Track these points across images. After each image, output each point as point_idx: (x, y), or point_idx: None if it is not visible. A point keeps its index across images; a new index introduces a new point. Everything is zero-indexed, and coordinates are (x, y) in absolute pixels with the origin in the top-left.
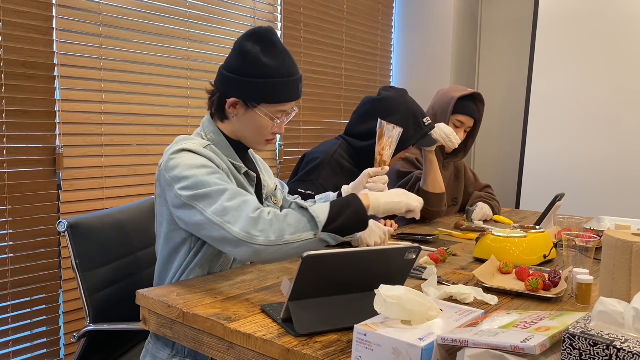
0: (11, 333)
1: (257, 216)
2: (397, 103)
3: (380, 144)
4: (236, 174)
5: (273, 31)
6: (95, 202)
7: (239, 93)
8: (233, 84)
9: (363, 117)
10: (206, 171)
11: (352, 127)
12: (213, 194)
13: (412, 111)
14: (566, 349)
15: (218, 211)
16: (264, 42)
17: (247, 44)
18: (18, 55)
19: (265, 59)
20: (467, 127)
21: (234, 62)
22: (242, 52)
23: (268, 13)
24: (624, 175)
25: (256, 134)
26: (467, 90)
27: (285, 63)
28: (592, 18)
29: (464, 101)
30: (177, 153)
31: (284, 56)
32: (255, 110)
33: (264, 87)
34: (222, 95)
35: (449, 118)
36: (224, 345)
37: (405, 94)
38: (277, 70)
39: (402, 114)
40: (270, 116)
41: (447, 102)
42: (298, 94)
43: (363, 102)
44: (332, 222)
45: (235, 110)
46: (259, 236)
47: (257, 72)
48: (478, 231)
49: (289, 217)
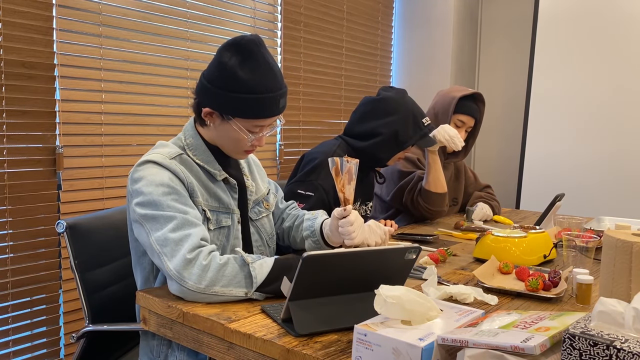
0: (11, 333)
1: (192, 257)
2: (396, 104)
3: (339, 182)
4: (209, 183)
5: (256, 42)
6: (95, 202)
7: (213, 104)
8: (209, 93)
9: (362, 117)
10: (162, 190)
11: (352, 127)
12: (161, 218)
13: (411, 111)
14: (566, 349)
15: (160, 239)
16: (244, 54)
17: (226, 54)
18: (18, 55)
19: (242, 73)
20: (468, 127)
21: (211, 71)
22: (219, 62)
23: (268, 13)
24: (624, 176)
25: (233, 145)
26: (467, 90)
27: (264, 78)
28: (592, 18)
29: (465, 101)
30: (142, 165)
31: (263, 70)
32: (230, 124)
33: (238, 101)
34: (199, 103)
35: (450, 118)
36: (224, 345)
37: (404, 94)
38: (253, 86)
39: (401, 114)
40: (245, 131)
41: (448, 102)
42: (277, 110)
43: (362, 102)
44: (267, 284)
45: (211, 119)
46: (189, 280)
47: (232, 86)
48: (478, 231)
49: (228, 267)
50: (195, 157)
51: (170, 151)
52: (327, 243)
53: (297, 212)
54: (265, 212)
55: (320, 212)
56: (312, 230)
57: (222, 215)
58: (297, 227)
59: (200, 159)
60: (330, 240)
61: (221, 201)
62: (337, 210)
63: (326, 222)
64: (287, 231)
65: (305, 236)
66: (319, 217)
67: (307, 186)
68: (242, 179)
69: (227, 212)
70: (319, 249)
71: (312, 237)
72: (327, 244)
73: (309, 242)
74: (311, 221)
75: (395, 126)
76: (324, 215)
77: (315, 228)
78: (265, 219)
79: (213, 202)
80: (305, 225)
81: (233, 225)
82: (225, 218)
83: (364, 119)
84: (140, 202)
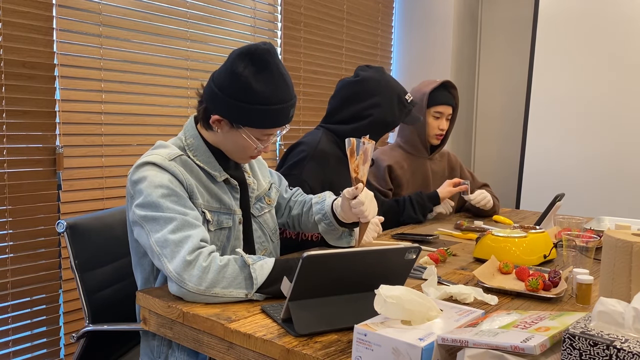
0: (11, 333)
1: (192, 259)
2: (378, 84)
3: (354, 162)
4: (209, 184)
5: (271, 52)
6: (95, 202)
7: (224, 113)
8: (220, 101)
9: (344, 101)
10: (162, 192)
11: (334, 113)
12: (161, 220)
13: (395, 90)
14: (566, 349)
15: (160, 241)
16: (258, 65)
17: (240, 65)
18: (18, 55)
19: (256, 85)
20: (447, 116)
21: (223, 79)
22: (233, 72)
23: (268, 13)
24: (624, 175)
25: (239, 151)
26: (435, 81)
27: (277, 89)
28: (592, 18)
29: (436, 92)
30: (142, 166)
31: (277, 81)
32: (240, 132)
33: (251, 112)
34: (207, 109)
35: (425, 112)
36: (224, 345)
37: (383, 72)
38: (267, 98)
39: (385, 94)
40: (254, 139)
41: (419, 98)
42: (287, 120)
43: (341, 85)
44: (268, 286)
45: (219, 125)
46: (189, 282)
47: (246, 97)
48: (478, 231)
49: (228, 268)
50: (195, 158)
51: (170, 152)
52: (341, 223)
53: (304, 198)
54: (267, 208)
55: (327, 193)
56: (323, 213)
57: (223, 216)
58: (306, 212)
59: (201, 160)
60: (344, 220)
61: (222, 202)
62: (348, 190)
63: (336, 202)
64: (297, 218)
65: (317, 220)
66: (327, 198)
67: (290, 180)
68: (243, 177)
69: (228, 212)
70: (333, 230)
71: (324, 220)
72: (340, 224)
73: (322, 226)
74: (320, 204)
75: (381, 107)
76: (331, 196)
77: (327, 210)
78: (268, 215)
79: (214, 203)
80: (315, 210)
81: (234, 226)
82: (227, 219)
83: (346, 103)
84: (140, 204)
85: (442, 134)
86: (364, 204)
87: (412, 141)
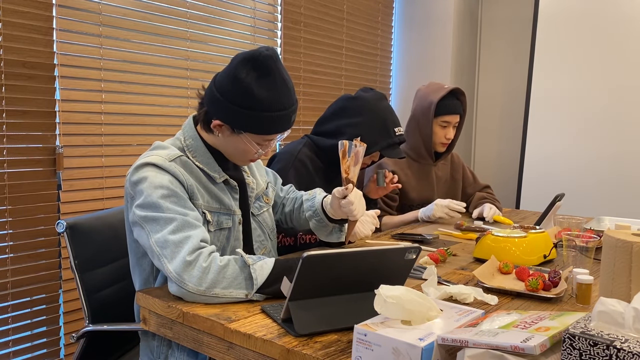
0: (11, 333)
1: (192, 259)
2: (368, 105)
3: (345, 163)
4: (209, 185)
5: (274, 57)
6: (95, 202)
7: (225, 118)
8: (221, 106)
9: (332, 114)
10: (162, 193)
11: (322, 122)
12: (161, 220)
13: (382, 117)
14: (566, 349)
15: (160, 241)
16: (261, 71)
17: (242, 71)
18: (18, 55)
19: (259, 91)
20: (454, 124)
21: (225, 84)
22: (235, 77)
23: (268, 13)
24: (624, 176)
25: (239, 155)
26: (444, 89)
27: (280, 95)
28: (592, 18)
29: (445, 100)
30: (142, 167)
31: (279, 87)
32: (241, 137)
33: (252, 119)
34: (208, 113)
35: (432, 122)
36: (224, 345)
37: (382, 98)
38: (269, 104)
39: (369, 117)
40: (255, 144)
41: (427, 106)
42: (288, 125)
43: (339, 98)
44: (268, 286)
45: (220, 129)
46: (189, 282)
47: (248, 103)
48: (478, 231)
49: (228, 269)
50: (194, 159)
51: (169, 153)
52: (331, 220)
53: (295, 195)
54: (265, 207)
55: (317, 190)
56: (313, 210)
57: (223, 217)
58: (297, 209)
59: (200, 161)
60: (334, 217)
61: (222, 202)
62: (338, 189)
63: (326, 200)
64: (289, 215)
65: (308, 217)
66: (317, 195)
67: None
68: (242, 177)
69: (227, 213)
70: (323, 227)
71: (315, 216)
72: (330, 220)
73: (313, 222)
74: (311, 201)
75: (360, 128)
76: (321, 193)
77: (317, 207)
78: (266, 213)
79: (214, 204)
80: (306, 206)
81: (234, 227)
82: (226, 219)
83: (333, 116)
84: (140, 204)
85: (448, 142)
86: (354, 204)
87: (417, 149)
